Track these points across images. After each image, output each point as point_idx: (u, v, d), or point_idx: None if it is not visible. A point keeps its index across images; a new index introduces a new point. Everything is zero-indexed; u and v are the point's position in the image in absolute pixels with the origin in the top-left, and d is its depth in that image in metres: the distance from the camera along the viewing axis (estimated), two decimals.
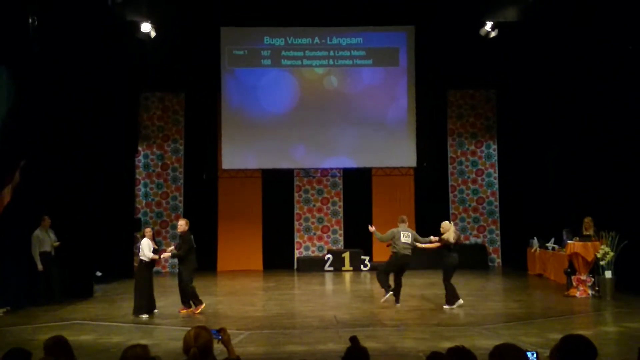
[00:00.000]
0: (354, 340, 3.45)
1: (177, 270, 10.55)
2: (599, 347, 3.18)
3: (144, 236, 10.02)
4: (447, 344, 4.91)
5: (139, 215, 16.34)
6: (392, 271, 10.34)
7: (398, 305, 10.10)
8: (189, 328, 3.26)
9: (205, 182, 16.57)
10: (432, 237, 10.31)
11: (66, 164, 11.51)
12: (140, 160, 16.63)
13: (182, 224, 10.02)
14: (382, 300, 10.30)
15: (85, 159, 12.13)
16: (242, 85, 16.12)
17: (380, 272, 10.49)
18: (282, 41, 16.15)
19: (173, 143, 16.77)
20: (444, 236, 9.97)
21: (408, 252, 10.16)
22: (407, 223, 10.63)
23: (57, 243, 11.01)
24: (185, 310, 9.86)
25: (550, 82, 14.02)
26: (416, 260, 12.31)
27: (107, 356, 6.86)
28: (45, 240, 10.85)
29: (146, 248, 9.65)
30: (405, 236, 10.15)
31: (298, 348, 7.22)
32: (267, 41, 16.14)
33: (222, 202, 16.64)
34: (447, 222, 10.28)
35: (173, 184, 16.72)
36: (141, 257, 9.75)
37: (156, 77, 15.77)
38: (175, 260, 10.55)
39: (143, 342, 5.44)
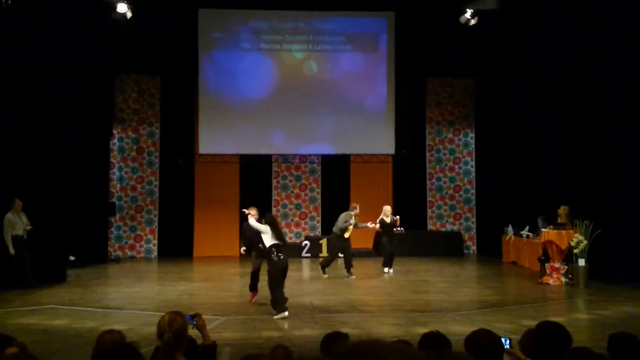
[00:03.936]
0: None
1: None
2: (571, 333, 3.21)
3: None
4: (421, 330, 4.94)
5: (114, 200, 16.12)
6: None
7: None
8: (163, 313, 3.22)
9: (182, 166, 16.35)
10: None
11: (39, 146, 11.28)
12: (115, 143, 16.35)
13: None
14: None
15: (58, 141, 11.90)
16: (219, 69, 15.87)
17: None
18: (261, 24, 15.91)
19: (149, 126, 16.52)
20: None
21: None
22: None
23: (29, 227, 10.83)
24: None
25: (528, 71, 14.11)
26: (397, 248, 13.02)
27: (80, 341, 6.77)
28: (17, 223, 10.66)
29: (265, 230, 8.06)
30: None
31: (274, 334, 7.21)
32: (245, 24, 15.89)
33: (198, 187, 16.48)
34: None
35: (149, 168, 16.50)
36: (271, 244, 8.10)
37: (132, 59, 15.38)
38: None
39: (117, 327, 5.36)
